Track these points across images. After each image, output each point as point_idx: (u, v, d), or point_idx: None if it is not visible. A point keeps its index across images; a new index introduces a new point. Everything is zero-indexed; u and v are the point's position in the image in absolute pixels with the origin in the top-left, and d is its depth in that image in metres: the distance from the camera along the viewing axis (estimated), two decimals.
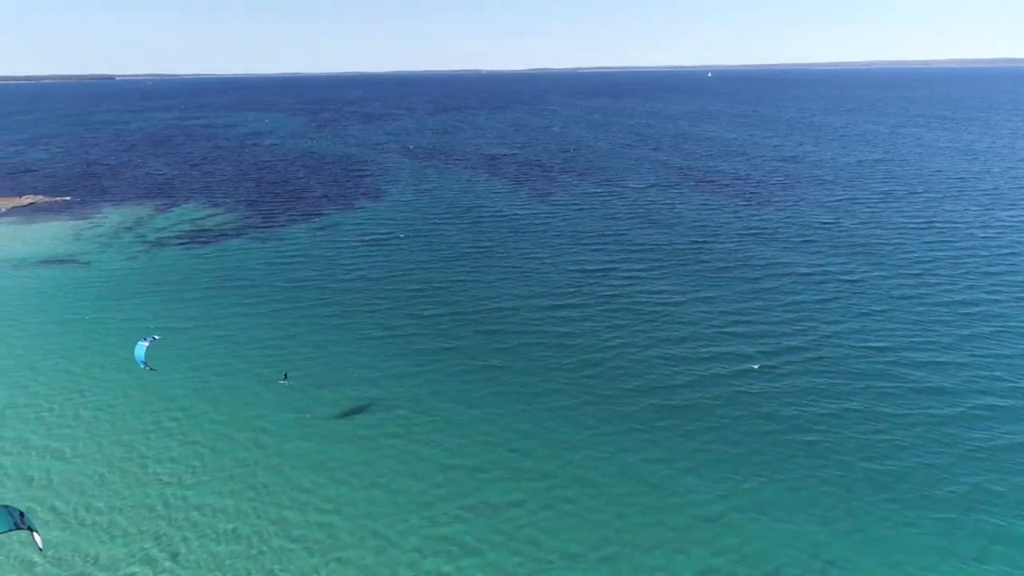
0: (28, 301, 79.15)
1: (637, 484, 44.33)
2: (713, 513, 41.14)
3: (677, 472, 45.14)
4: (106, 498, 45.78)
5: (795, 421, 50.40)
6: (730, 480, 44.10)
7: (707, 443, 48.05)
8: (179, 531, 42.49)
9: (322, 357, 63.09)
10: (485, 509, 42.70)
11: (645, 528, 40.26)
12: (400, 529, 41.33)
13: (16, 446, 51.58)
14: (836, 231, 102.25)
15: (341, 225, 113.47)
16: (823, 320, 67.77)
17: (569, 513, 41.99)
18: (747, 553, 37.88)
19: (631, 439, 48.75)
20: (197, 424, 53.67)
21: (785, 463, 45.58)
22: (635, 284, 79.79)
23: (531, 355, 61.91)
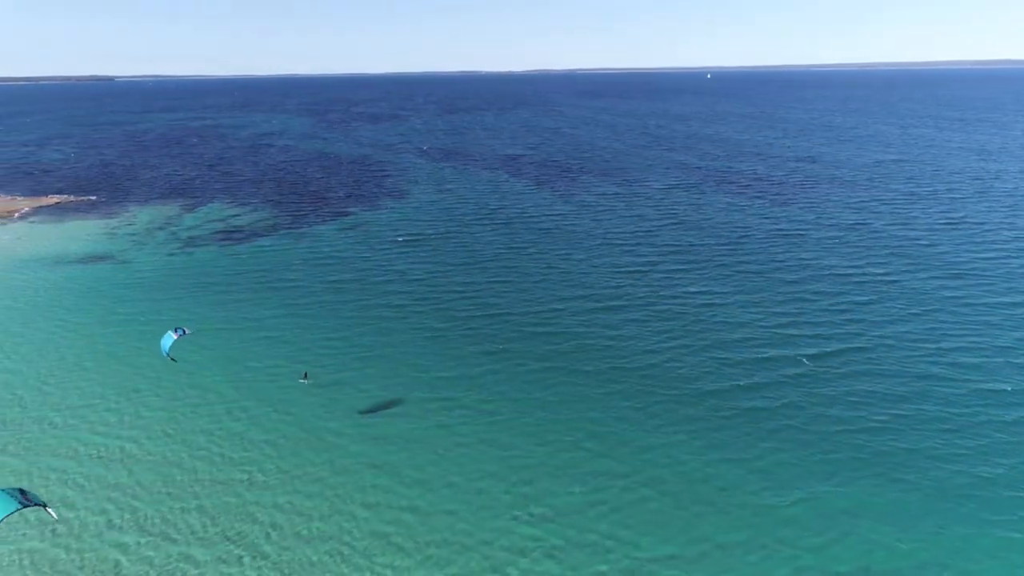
0: (71, 299, 79.43)
1: (711, 485, 44.61)
2: (793, 513, 41.41)
3: (750, 473, 45.41)
4: (181, 499, 46.02)
5: (860, 423, 50.71)
6: (805, 481, 44.41)
7: (776, 444, 48.34)
8: (262, 530, 42.76)
9: (375, 358, 63.34)
10: (563, 509, 42.97)
11: (726, 528, 40.54)
12: (479, 529, 41.57)
13: (79, 447, 51.79)
14: (867, 232, 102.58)
15: (369, 225, 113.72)
16: (870, 321, 68.08)
17: (650, 512, 42.27)
18: (834, 553, 38.22)
19: (699, 440, 49.01)
20: (258, 425, 53.89)
21: (855, 464, 45.91)
22: (675, 285, 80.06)
23: (585, 357, 62.15)
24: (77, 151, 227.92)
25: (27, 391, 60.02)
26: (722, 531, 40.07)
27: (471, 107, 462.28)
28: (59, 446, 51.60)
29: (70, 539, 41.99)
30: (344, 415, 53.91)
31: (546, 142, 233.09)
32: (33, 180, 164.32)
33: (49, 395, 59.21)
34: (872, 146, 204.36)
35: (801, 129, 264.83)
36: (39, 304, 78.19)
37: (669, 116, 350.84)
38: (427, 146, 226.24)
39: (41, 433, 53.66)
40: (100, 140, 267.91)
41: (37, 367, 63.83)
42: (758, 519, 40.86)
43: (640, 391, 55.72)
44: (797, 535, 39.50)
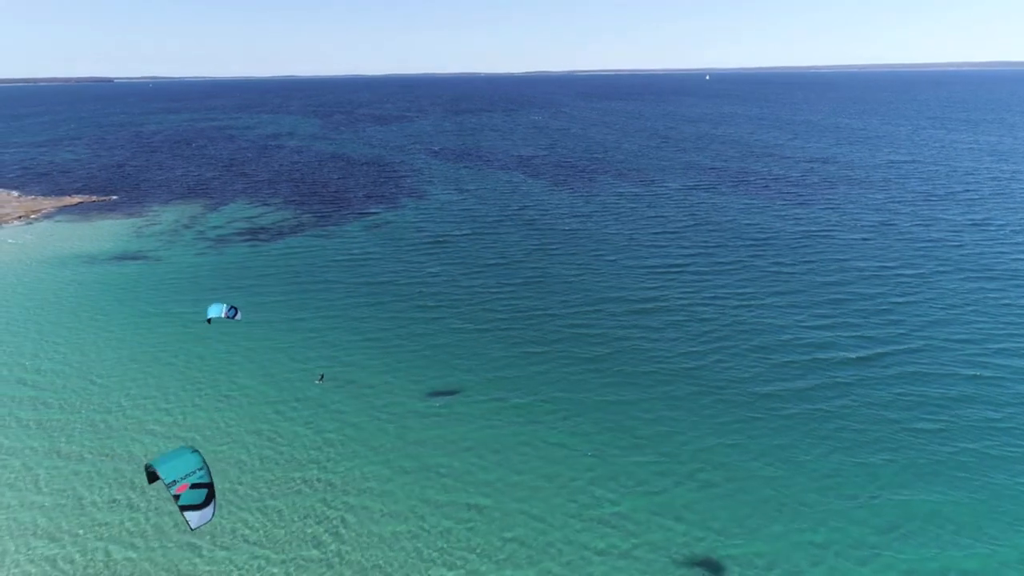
0: (108, 298, 79.80)
1: (777, 469, 45.19)
2: (861, 515, 41.83)
3: (812, 474, 45.83)
4: (252, 482, 46.50)
5: (915, 424, 51.28)
6: (868, 482, 44.89)
7: (835, 445, 48.82)
8: (337, 512, 43.27)
9: (419, 358, 63.75)
10: (634, 490, 43.55)
11: (795, 527, 40.98)
12: (549, 528, 41.96)
13: (134, 448, 52.14)
14: (892, 233, 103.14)
15: (393, 225, 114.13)
16: (912, 322, 68.56)
17: (720, 495, 42.85)
18: (908, 530, 38.78)
19: (756, 442, 49.36)
20: (309, 425, 54.22)
21: (917, 466, 46.44)
22: (709, 286, 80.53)
23: (630, 358, 62.54)
24: (90, 152, 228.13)
25: (73, 393, 60.35)
26: (792, 531, 40.50)
27: (476, 108, 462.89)
28: (114, 448, 51.90)
29: (139, 540, 42.27)
30: (395, 416, 54.20)
31: (558, 143, 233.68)
32: (51, 180, 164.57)
33: (95, 396, 59.51)
34: (884, 147, 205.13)
35: (811, 130, 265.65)
36: (76, 303, 78.56)
37: (676, 118, 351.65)
38: (439, 147, 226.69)
39: (94, 434, 54.00)
40: (110, 141, 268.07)
41: (81, 367, 64.19)
42: (826, 519, 41.26)
43: (691, 393, 56.07)
44: (866, 535, 39.89)
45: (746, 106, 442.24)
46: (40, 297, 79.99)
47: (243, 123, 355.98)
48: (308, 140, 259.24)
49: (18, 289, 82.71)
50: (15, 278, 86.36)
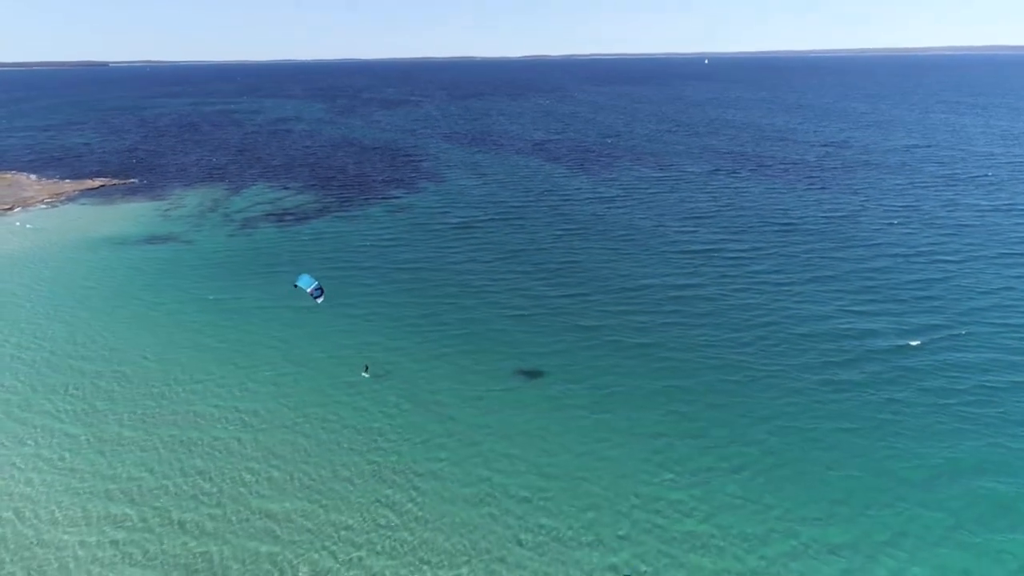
0: (147, 279, 79.95)
1: (838, 454, 45.61)
2: (926, 478, 42.36)
3: (874, 445, 46.31)
4: (314, 466, 46.80)
5: (966, 398, 51.72)
6: (930, 450, 45.38)
7: (892, 417, 49.27)
8: (406, 495, 43.62)
9: (467, 338, 64.05)
10: (697, 475, 43.99)
11: (862, 493, 41.48)
12: (617, 494, 42.44)
13: (199, 420, 52.47)
14: (919, 216, 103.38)
15: (417, 208, 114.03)
16: (957, 304, 68.93)
17: (784, 480, 43.24)
18: (980, 515, 39.31)
19: (813, 414, 49.90)
20: (371, 398, 54.69)
21: (972, 435, 47.00)
22: (745, 268, 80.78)
23: (676, 338, 62.88)
24: (99, 136, 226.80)
25: (129, 366, 60.69)
26: (863, 515, 40.93)
27: (480, 93, 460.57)
28: (178, 418, 52.28)
29: (210, 524, 42.53)
30: (448, 401, 54.24)
31: (569, 127, 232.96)
32: (67, 164, 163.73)
33: (151, 371, 59.87)
34: (896, 131, 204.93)
35: (820, 114, 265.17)
36: (117, 285, 78.61)
37: (684, 102, 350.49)
38: (450, 131, 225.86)
39: (157, 407, 54.32)
40: (116, 125, 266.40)
41: (132, 344, 64.40)
42: (893, 503, 41.67)
43: (742, 379, 56.17)
44: (937, 520, 40.32)
45: (751, 90, 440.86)
46: (79, 281, 79.96)
47: (247, 108, 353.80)
48: (317, 124, 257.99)
49: (57, 274, 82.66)
50: (53, 263, 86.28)
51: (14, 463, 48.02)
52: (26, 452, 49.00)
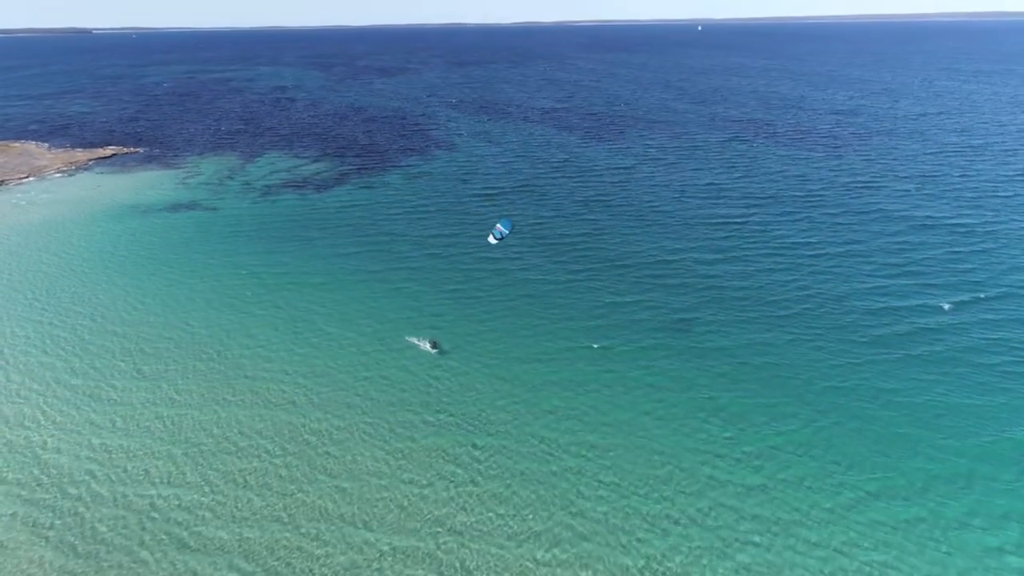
0: (177, 246, 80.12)
1: (892, 410, 46.86)
2: (979, 431, 43.58)
3: (925, 400, 47.51)
4: (372, 424, 47.63)
5: (1010, 356, 52.83)
6: (979, 403, 46.57)
7: (940, 375, 50.40)
8: (465, 451, 44.59)
9: (512, 306, 64.80)
10: (756, 429, 45.08)
11: (915, 446, 42.72)
12: (675, 447, 43.55)
13: (254, 381, 53.11)
14: (937, 182, 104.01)
15: (436, 177, 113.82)
16: (984, 267, 69.99)
17: (841, 434, 44.58)
18: None
19: (864, 372, 51.07)
20: (418, 359, 55.60)
21: (1014, 387, 48.17)
22: (776, 236, 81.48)
23: (719, 301, 63.92)
24: (100, 105, 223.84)
25: (175, 332, 61.27)
26: (918, 467, 42.24)
27: (479, 60, 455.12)
28: (232, 382, 52.89)
29: (276, 482, 43.41)
30: (498, 363, 55.07)
31: (574, 95, 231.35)
32: (73, 133, 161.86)
33: (198, 337, 60.41)
34: (905, 99, 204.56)
35: (826, 82, 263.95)
36: (149, 252, 78.72)
37: (685, 69, 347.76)
38: (455, 99, 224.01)
39: (208, 371, 55.01)
40: (113, 95, 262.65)
41: (173, 311, 64.79)
42: (948, 456, 42.96)
43: (790, 340, 57.44)
44: (996, 472, 41.62)
45: (752, 58, 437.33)
46: (110, 250, 79.95)
47: (244, 75, 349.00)
48: (319, 93, 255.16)
49: (87, 243, 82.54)
50: (81, 232, 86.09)
51: (72, 428, 48.65)
52: (80, 418, 49.59)
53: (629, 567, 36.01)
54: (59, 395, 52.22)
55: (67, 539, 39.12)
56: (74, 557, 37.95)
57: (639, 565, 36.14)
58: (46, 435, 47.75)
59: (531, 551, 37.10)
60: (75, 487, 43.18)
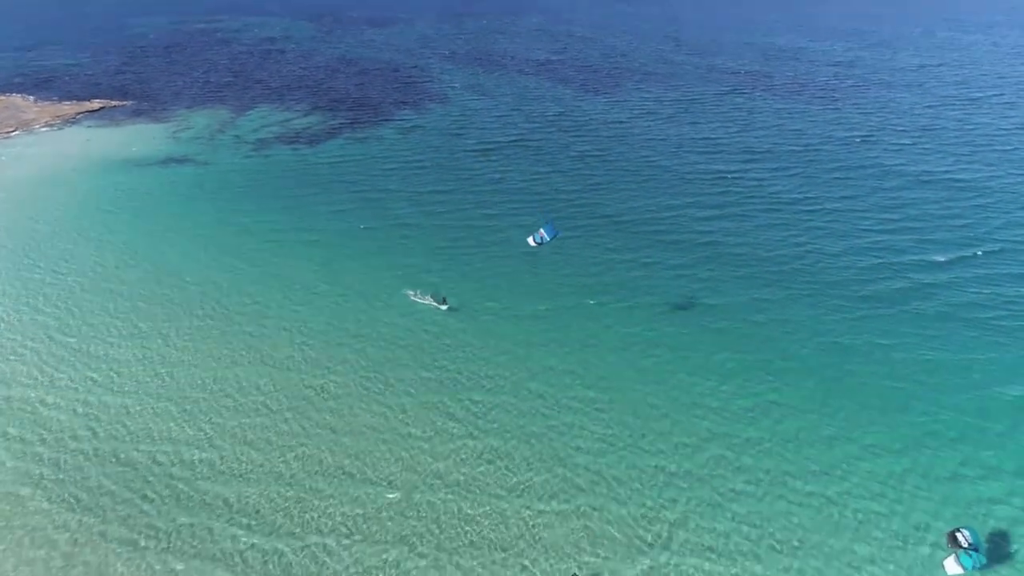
0: (172, 201, 79.61)
1: (889, 367, 47.42)
2: (975, 386, 44.17)
3: (916, 352, 48.00)
4: (370, 379, 48.01)
5: (1003, 307, 53.28)
6: (973, 352, 47.06)
7: (937, 331, 50.85)
8: (463, 406, 45.02)
9: (511, 258, 64.57)
10: (748, 384, 45.58)
11: (914, 402, 43.39)
12: (675, 405, 44.04)
13: (251, 336, 53.20)
14: (936, 135, 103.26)
15: (431, 131, 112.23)
16: (981, 221, 70.08)
17: (831, 389, 45.18)
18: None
19: (861, 328, 51.77)
20: (421, 316, 55.65)
21: (1007, 341, 48.76)
22: (772, 188, 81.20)
23: (718, 257, 64.10)
24: (87, 57, 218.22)
25: (170, 289, 60.95)
26: (912, 422, 42.89)
27: (470, 12, 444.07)
28: (228, 337, 52.90)
29: (281, 422, 43.84)
30: (500, 320, 55.26)
31: (569, 47, 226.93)
32: (58, 86, 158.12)
33: (192, 293, 60.35)
34: (904, 51, 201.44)
35: (825, 34, 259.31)
36: (141, 207, 78.10)
37: (680, 22, 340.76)
38: (449, 51, 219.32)
39: (204, 327, 54.99)
40: (97, 46, 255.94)
41: (167, 267, 64.46)
42: (941, 411, 43.54)
43: (788, 296, 57.76)
44: (987, 426, 42.23)
45: (748, 9, 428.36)
46: (103, 205, 79.09)
47: (230, 26, 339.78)
48: (309, 44, 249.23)
49: (79, 197, 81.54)
50: (72, 186, 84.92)
51: (69, 385, 48.62)
52: (77, 376, 49.56)
53: (626, 517, 36.66)
54: (55, 353, 52.17)
55: (71, 492, 39.50)
56: (80, 511, 38.37)
57: (636, 515, 36.80)
58: (45, 393, 47.82)
59: (530, 502, 37.68)
60: (77, 442, 43.45)
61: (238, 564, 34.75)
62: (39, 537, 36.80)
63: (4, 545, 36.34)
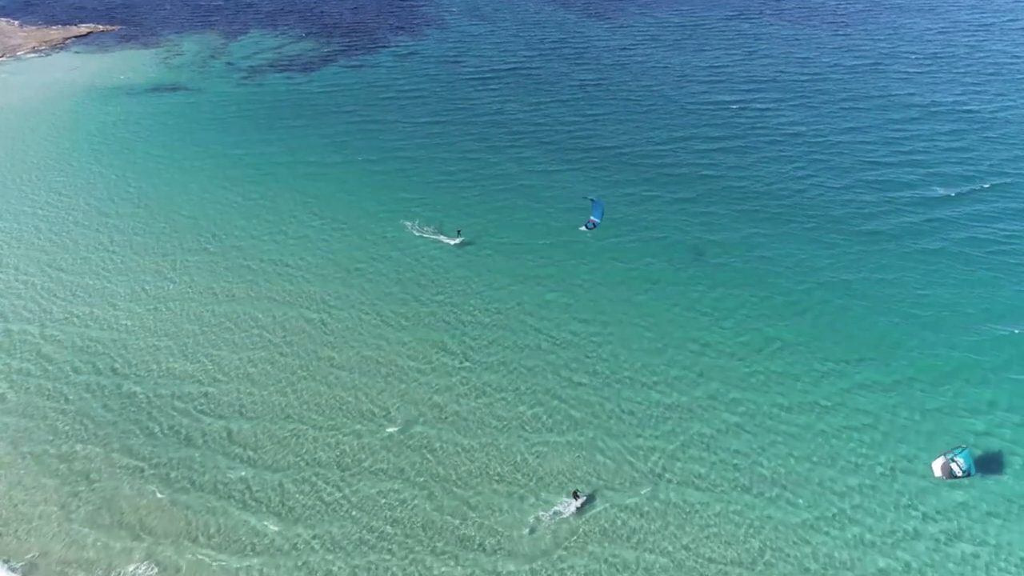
0: (165, 130, 78.77)
1: (881, 302, 47.50)
2: (978, 325, 44.36)
3: (915, 290, 48.04)
4: (367, 313, 48.10)
5: (1007, 243, 53.01)
6: (973, 290, 47.20)
7: (933, 262, 50.75)
8: (459, 342, 45.45)
9: (511, 191, 64.02)
10: (745, 321, 45.89)
11: (913, 340, 43.73)
12: (671, 341, 44.46)
13: (247, 270, 53.20)
14: (947, 63, 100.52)
15: (429, 57, 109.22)
16: (990, 154, 68.89)
17: (828, 325, 45.58)
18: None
19: (865, 263, 51.53)
20: (416, 252, 55.29)
21: (1008, 279, 48.80)
22: (778, 119, 79.66)
23: (723, 191, 63.60)
24: None
25: (164, 223, 60.70)
26: (915, 359, 43.17)
27: None
28: (225, 272, 52.88)
29: (280, 356, 44.06)
30: (499, 255, 54.94)
31: None
32: (42, 9, 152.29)
33: (186, 226, 60.05)
34: None
35: None
36: (133, 137, 77.05)
37: None
38: None
39: (200, 261, 54.82)
40: None
41: (160, 199, 63.96)
42: (948, 351, 43.74)
43: (791, 231, 57.37)
44: (987, 362, 42.47)
45: None
46: (94, 134, 77.88)
47: None
48: None
49: (69, 126, 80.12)
50: (63, 115, 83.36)
51: (66, 319, 48.69)
52: (74, 310, 49.56)
53: (622, 450, 37.39)
54: (51, 288, 52.12)
55: (75, 425, 40.15)
56: (86, 442, 39.10)
57: (632, 447, 37.52)
58: (44, 327, 47.99)
59: (527, 435, 38.35)
60: (79, 375, 43.89)
61: (242, 493, 35.61)
62: (48, 468, 37.57)
63: (15, 474, 37.14)
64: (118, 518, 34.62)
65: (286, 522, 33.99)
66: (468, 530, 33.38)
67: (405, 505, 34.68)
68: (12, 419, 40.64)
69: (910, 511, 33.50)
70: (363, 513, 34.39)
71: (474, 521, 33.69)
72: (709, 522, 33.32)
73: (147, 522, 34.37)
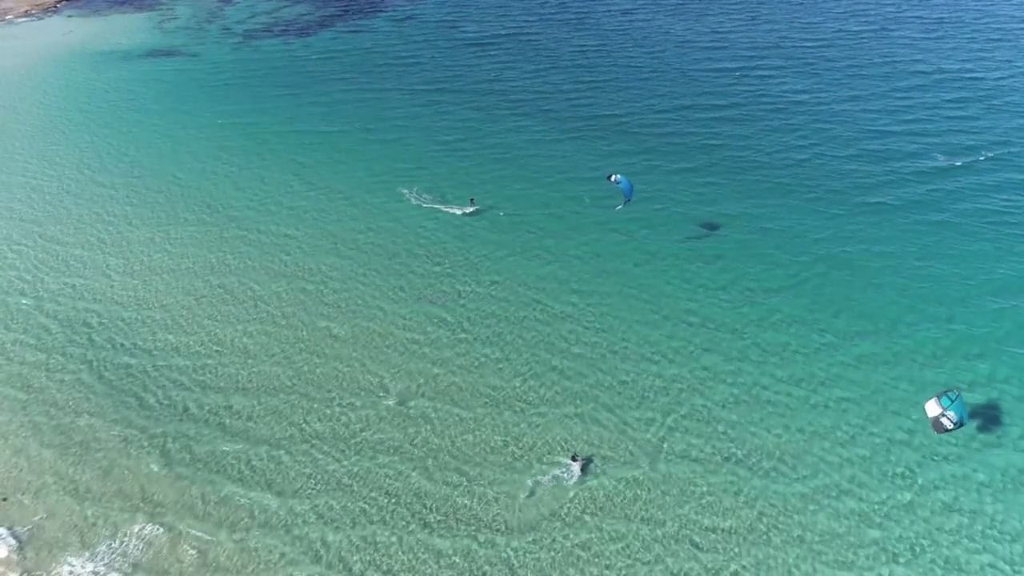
0: (161, 96, 78.63)
1: (894, 276, 47.10)
2: (980, 296, 44.22)
3: (919, 262, 47.81)
4: (366, 285, 47.82)
5: (1014, 215, 52.64)
6: (978, 263, 46.98)
7: (938, 234, 50.42)
8: (455, 315, 45.13)
9: (510, 159, 63.67)
10: (746, 293, 45.66)
11: (905, 310, 43.51)
12: (669, 314, 44.30)
13: (242, 242, 52.81)
14: (954, 27, 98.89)
15: (425, 21, 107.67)
16: (998, 124, 68.00)
17: (829, 298, 45.25)
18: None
19: (868, 234, 51.12)
20: (413, 223, 54.94)
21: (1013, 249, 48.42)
22: (782, 85, 78.58)
23: (726, 160, 62.97)
24: None
25: (160, 193, 60.05)
26: (916, 330, 43.06)
27: None
28: (221, 243, 52.53)
29: (277, 329, 43.92)
30: (497, 226, 54.48)
31: None
32: None
33: (178, 195, 59.64)
34: None
35: None
36: (129, 103, 76.36)
37: None
38: None
39: (195, 232, 54.70)
40: None
41: (156, 166, 63.35)
42: (948, 322, 43.54)
43: (795, 203, 56.56)
44: (988, 333, 42.32)
45: None
46: (89, 100, 76.99)
47: None
48: None
49: (63, 92, 79.14)
50: (56, 80, 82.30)
51: (60, 291, 48.42)
52: (68, 281, 49.23)
53: (619, 423, 37.42)
54: (45, 258, 51.74)
55: (74, 397, 40.12)
56: (84, 414, 39.13)
57: (630, 419, 37.53)
58: (38, 300, 47.76)
59: (524, 407, 38.39)
60: (75, 347, 43.77)
61: (239, 466, 35.72)
62: (47, 439, 37.65)
63: (14, 443, 37.23)
64: (119, 487, 34.75)
65: (283, 495, 34.09)
66: (465, 499, 33.53)
67: (402, 476, 34.79)
68: (10, 391, 40.60)
69: (906, 482, 33.59)
70: (361, 485, 34.49)
71: (472, 491, 33.83)
72: (706, 492, 33.43)
73: (148, 491, 34.51)
